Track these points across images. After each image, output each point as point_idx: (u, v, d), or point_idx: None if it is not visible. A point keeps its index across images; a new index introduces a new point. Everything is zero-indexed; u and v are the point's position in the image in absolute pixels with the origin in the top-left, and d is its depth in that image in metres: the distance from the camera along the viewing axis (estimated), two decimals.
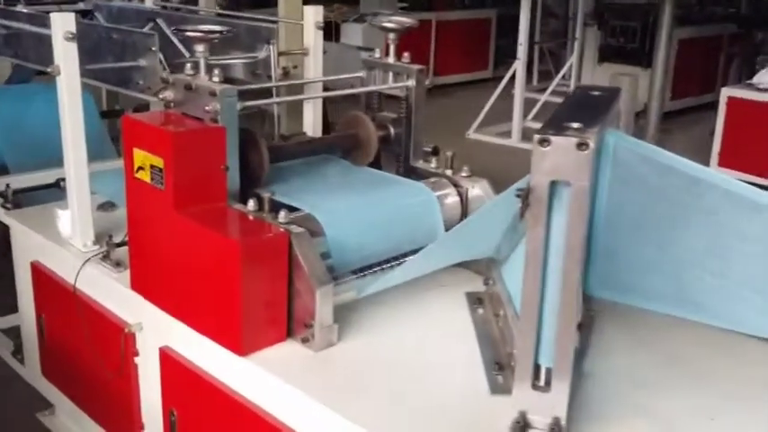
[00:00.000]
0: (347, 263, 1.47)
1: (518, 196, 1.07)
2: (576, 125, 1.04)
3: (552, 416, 1.09)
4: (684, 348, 1.37)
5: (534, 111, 6.73)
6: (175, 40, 2.17)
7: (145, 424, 1.67)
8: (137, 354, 1.64)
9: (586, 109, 1.16)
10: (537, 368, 1.11)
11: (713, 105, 5.40)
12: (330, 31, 6.65)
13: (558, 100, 6.97)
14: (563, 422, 1.09)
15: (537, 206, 1.03)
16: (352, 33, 7.25)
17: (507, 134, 6.39)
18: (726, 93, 5.04)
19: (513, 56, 6.57)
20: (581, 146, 1.00)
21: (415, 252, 1.50)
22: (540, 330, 1.09)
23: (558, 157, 1.01)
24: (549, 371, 1.10)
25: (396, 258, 1.55)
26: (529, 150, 1.03)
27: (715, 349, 1.36)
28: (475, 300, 1.54)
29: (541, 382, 1.11)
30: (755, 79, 4.98)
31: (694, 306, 1.21)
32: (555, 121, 1.07)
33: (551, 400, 1.09)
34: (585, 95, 1.29)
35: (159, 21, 2.32)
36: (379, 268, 1.52)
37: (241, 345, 1.33)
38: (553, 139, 1.01)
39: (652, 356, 1.35)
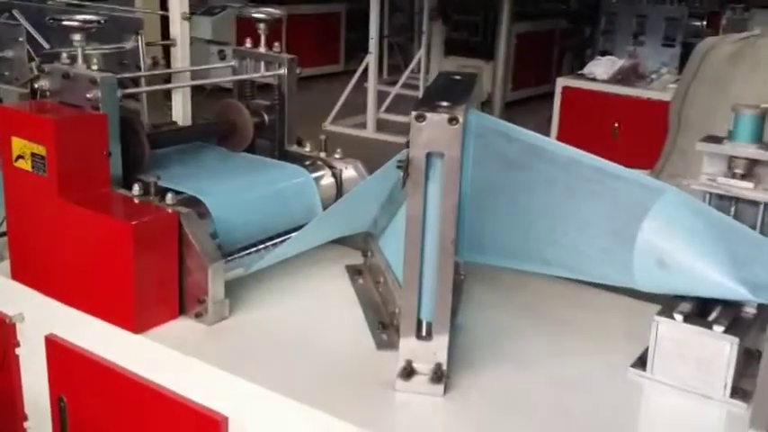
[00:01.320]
0: (233, 242, 1.55)
1: (399, 167, 1.20)
2: (445, 104, 1.18)
3: (435, 362, 1.23)
4: (540, 300, 1.56)
5: (387, 103, 6.96)
6: (33, 31, 2.14)
7: (28, 414, 1.66)
8: (18, 345, 1.63)
9: (452, 90, 1.30)
10: (419, 323, 1.25)
11: (550, 95, 5.81)
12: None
13: (410, 92, 7.30)
14: (444, 367, 1.24)
15: (416, 175, 1.16)
16: (201, 26, 7.16)
17: (363, 125, 6.57)
18: (561, 83, 5.46)
19: (362, 50, 6.76)
20: (452, 120, 1.14)
21: (296, 230, 1.60)
22: (421, 288, 1.23)
23: (433, 131, 1.15)
24: (429, 324, 1.24)
25: (279, 236, 1.63)
26: (384, 140, 1.16)
27: (566, 300, 1.56)
28: (355, 271, 1.66)
29: (424, 334, 1.24)
30: (586, 70, 5.44)
31: (547, 261, 1.37)
32: (427, 101, 1.20)
33: (433, 348, 1.23)
34: (449, 80, 1.44)
35: (15, 12, 2.26)
36: (263, 246, 1.60)
37: (135, 323, 1.38)
38: (428, 115, 1.15)
39: (513, 309, 1.53)
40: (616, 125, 5.19)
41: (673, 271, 1.21)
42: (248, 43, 1.92)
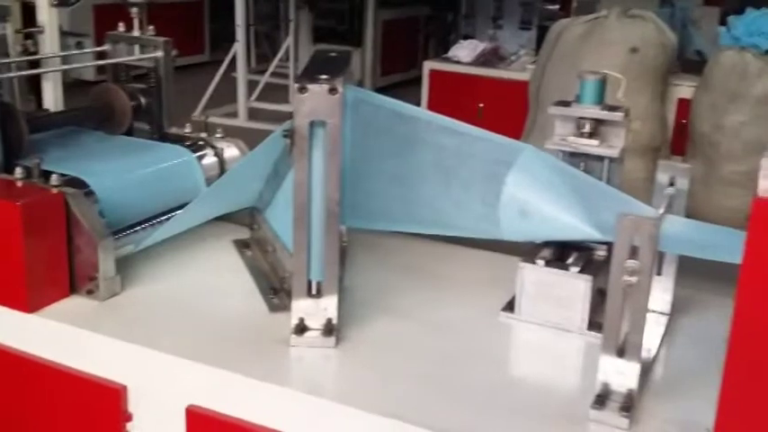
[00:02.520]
0: (120, 221, 1.57)
1: (285, 136, 1.28)
2: (325, 76, 1.27)
3: (326, 317, 1.33)
4: (418, 259, 1.68)
5: (257, 92, 6.95)
6: None
7: None
8: None
9: (329, 65, 1.39)
10: (309, 284, 1.34)
11: (418, 80, 6.01)
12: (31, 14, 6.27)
13: (280, 81, 7.32)
14: (334, 321, 1.33)
15: (300, 142, 1.25)
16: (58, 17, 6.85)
17: (234, 115, 6.54)
18: (428, 66, 5.66)
19: (227, 39, 6.71)
20: (332, 91, 1.24)
21: (182, 208, 1.64)
22: (310, 250, 1.31)
23: (315, 101, 1.24)
24: (319, 284, 1.33)
25: (165, 215, 1.67)
26: (257, 129, 1.24)
27: (441, 257, 1.69)
28: (242, 244, 1.72)
29: (314, 293, 1.33)
30: (450, 53, 5.67)
31: (421, 221, 1.48)
32: (308, 74, 1.29)
33: (324, 305, 1.32)
34: (326, 56, 1.52)
35: None
36: (150, 224, 1.64)
37: (27, 303, 1.39)
38: (310, 86, 1.23)
39: (393, 269, 1.64)
40: (481, 105, 5.45)
41: (534, 219, 1.35)
42: (121, 27, 1.93)
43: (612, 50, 4.43)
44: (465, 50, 5.56)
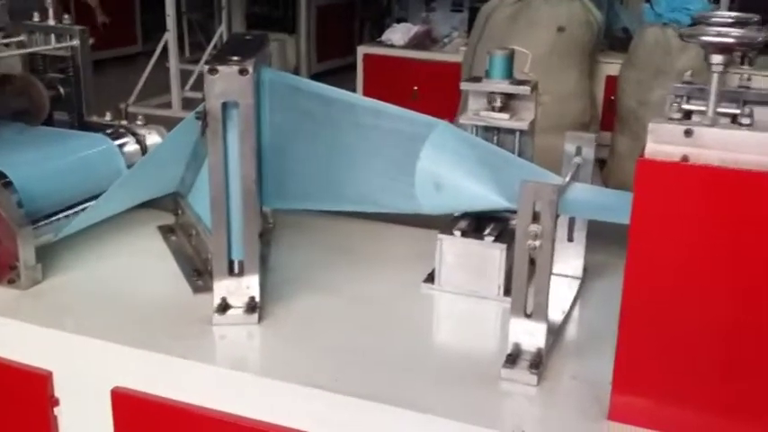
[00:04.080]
0: (40, 210, 1.56)
1: (198, 118, 1.29)
2: (236, 58, 1.28)
3: (248, 296, 1.35)
4: (342, 238, 1.71)
5: (191, 81, 6.87)
6: None
7: None
8: None
9: (243, 48, 1.41)
10: (231, 263, 1.36)
11: (355, 65, 6.02)
12: None
13: None
14: (257, 299, 1.36)
15: (214, 124, 1.26)
16: None
17: (167, 105, 6.46)
18: (362, 50, 5.69)
19: (161, 29, 6.62)
20: (242, 72, 1.25)
21: None
22: (229, 230, 1.33)
23: (226, 82, 1.25)
24: (241, 262, 1.35)
25: (87, 203, 1.66)
26: None
27: (364, 235, 1.72)
28: (167, 230, 1.73)
29: (236, 272, 1.35)
30: (384, 37, 5.70)
31: (344, 199, 1.51)
32: (219, 56, 1.31)
33: (246, 283, 1.35)
34: (240, 39, 1.54)
35: None
36: (71, 212, 1.63)
37: None
38: (220, 68, 1.25)
39: (319, 248, 1.67)
40: (415, 88, 5.50)
41: (448, 192, 1.39)
42: (36, 17, 1.90)
43: (540, 30, 4.52)
44: (398, 34, 5.60)
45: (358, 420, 1.16)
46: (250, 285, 1.35)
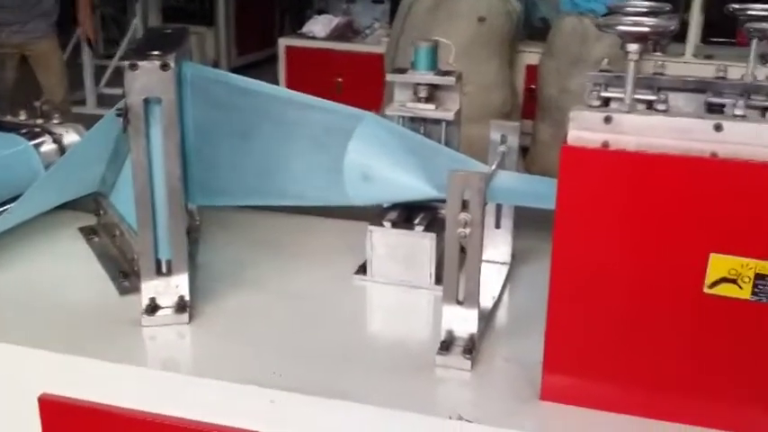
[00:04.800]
0: None
1: (119, 115, 1.26)
2: (156, 52, 1.25)
3: (178, 295, 1.33)
4: (271, 233, 1.70)
5: (106, 77, 6.69)
6: None
7: None
8: None
9: (162, 42, 1.38)
10: (158, 263, 1.33)
11: (275, 58, 5.96)
12: None
13: None
14: (186, 298, 1.33)
15: (136, 120, 1.23)
16: None
17: (82, 102, 6.27)
18: (283, 42, 5.64)
19: (75, 24, 6.41)
20: (164, 66, 1.23)
21: None
22: (155, 229, 1.31)
23: (147, 78, 1.22)
24: (168, 261, 1.33)
25: (3, 206, 1.60)
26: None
27: (294, 229, 1.71)
28: (89, 231, 1.68)
29: (164, 271, 1.33)
30: (305, 29, 5.66)
31: (272, 193, 1.49)
32: (139, 51, 1.27)
33: (174, 282, 1.32)
34: (159, 33, 1.51)
35: None
36: None
37: None
38: (140, 63, 1.22)
39: (248, 243, 1.65)
40: (339, 80, 5.49)
41: (377, 183, 1.40)
42: None
43: (461, 21, 4.58)
44: (319, 25, 5.57)
45: (297, 414, 1.16)
46: (179, 285, 1.32)
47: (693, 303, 1.01)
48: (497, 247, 1.53)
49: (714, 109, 1.18)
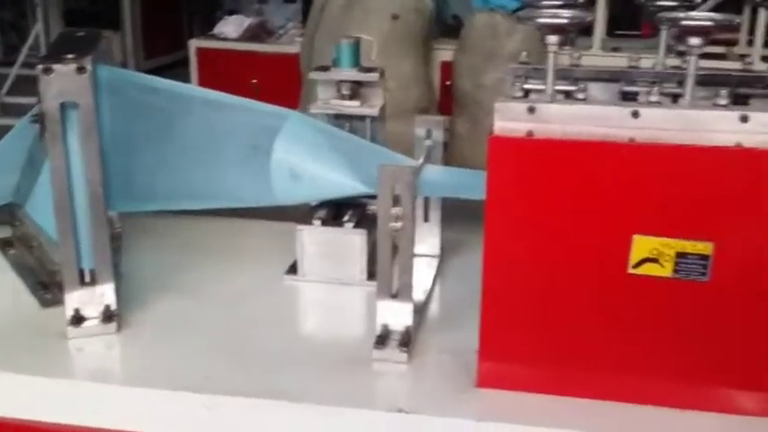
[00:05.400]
0: None
1: (34, 122, 1.21)
2: (71, 55, 1.21)
3: (103, 304, 1.29)
4: (198, 237, 1.68)
5: (7, 85, 6.41)
6: None
7: None
8: None
9: (77, 45, 1.33)
10: (81, 273, 1.29)
11: (186, 60, 5.83)
12: None
13: (32, 72, 6.76)
14: (113, 307, 1.30)
15: (52, 126, 1.19)
16: None
17: None
18: (194, 44, 5.52)
19: None
20: (80, 70, 1.19)
21: None
22: (77, 238, 1.26)
23: (63, 82, 1.18)
24: (92, 271, 1.29)
25: None
26: (11, 125, 1.18)
27: (221, 232, 1.69)
28: (4, 243, 1.61)
29: (88, 281, 1.28)
30: (216, 30, 5.56)
31: (198, 196, 1.47)
32: (53, 55, 1.23)
33: (99, 291, 1.28)
34: (72, 36, 1.45)
35: None
36: None
37: None
38: (55, 67, 1.18)
39: (173, 248, 1.62)
40: (254, 81, 5.41)
41: (305, 181, 1.39)
42: None
43: (375, 18, 4.59)
44: (231, 26, 5.49)
45: (234, 418, 1.15)
46: (104, 294, 1.29)
47: (619, 284, 1.05)
48: (426, 241, 1.54)
49: (628, 97, 1.23)
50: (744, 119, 1.00)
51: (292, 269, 1.51)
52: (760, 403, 1.07)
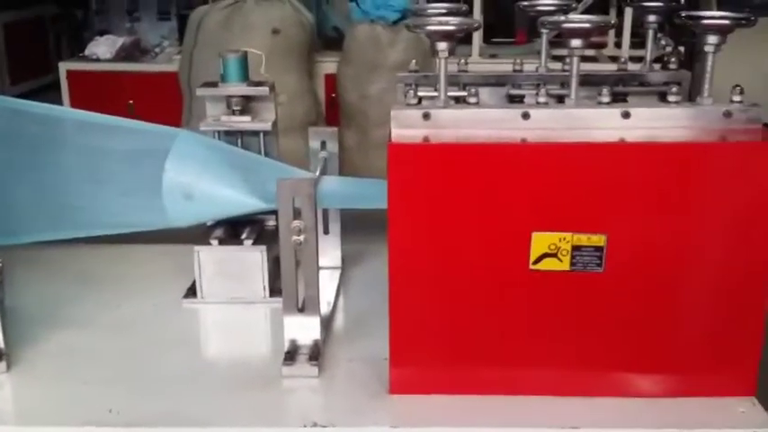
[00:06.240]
0: None
1: None
2: None
3: None
4: (90, 265, 1.61)
5: None
6: None
7: None
8: None
9: None
10: None
11: (56, 84, 5.58)
12: None
13: None
14: (1, 346, 1.22)
15: None
16: None
17: None
18: (64, 67, 5.30)
19: None
20: None
21: None
22: None
23: None
24: None
25: None
26: None
27: (114, 259, 1.63)
28: None
29: None
30: (87, 51, 5.35)
31: (85, 224, 1.41)
32: None
33: None
34: None
35: None
36: None
37: None
38: None
39: (64, 279, 1.54)
40: (131, 102, 5.24)
41: (199, 201, 1.35)
42: None
43: (255, 33, 4.54)
44: (103, 47, 5.29)
45: None
46: None
47: (522, 280, 1.08)
48: (328, 253, 1.54)
49: (515, 100, 1.27)
50: (625, 115, 1.05)
51: (191, 292, 1.46)
52: (657, 385, 1.13)
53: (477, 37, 4.65)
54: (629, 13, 4.33)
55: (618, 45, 4.68)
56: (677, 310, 1.10)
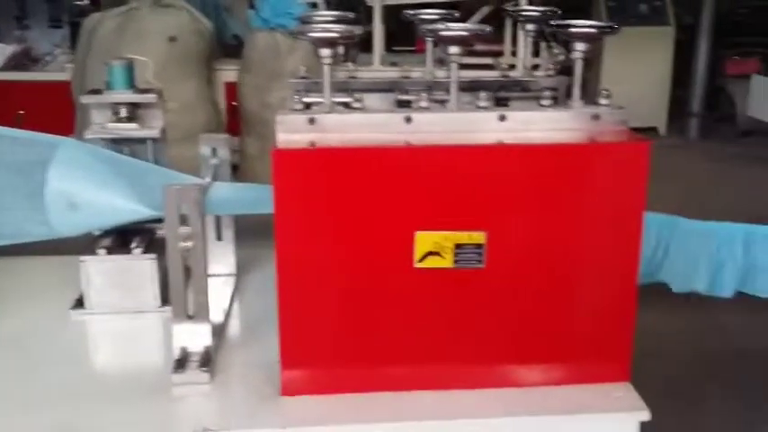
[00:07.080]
0: None
1: None
2: None
3: None
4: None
5: None
6: None
7: None
8: None
9: None
10: None
11: None
12: None
13: None
14: None
15: None
16: None
17: None
18: None
19: None
20: None
21: None
22: None
23: None
24: None
25: None
26: None
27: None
28: None
29: None
30: None
31: None
32: None
33: None
34: None
35: None
36: None
37: None
38: None
39: None
40: (21, 112, 5.04)
41: (85, 210, 1.32)
42: None
43: (151, 40, 4.46)
44: None
45: None
46: None
47: (408, 279, 1.11)
48: (221, 260, 1.53)
49: (403, 104, 1.30)
50: (502, 118, 1.10)
51: (79, 303, 1.43)
52: (540, 374, 1.18)
53: (378, 45, 4.72)
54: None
55: (515, 54, 4.84)
56: (556, 303, 1.15)
